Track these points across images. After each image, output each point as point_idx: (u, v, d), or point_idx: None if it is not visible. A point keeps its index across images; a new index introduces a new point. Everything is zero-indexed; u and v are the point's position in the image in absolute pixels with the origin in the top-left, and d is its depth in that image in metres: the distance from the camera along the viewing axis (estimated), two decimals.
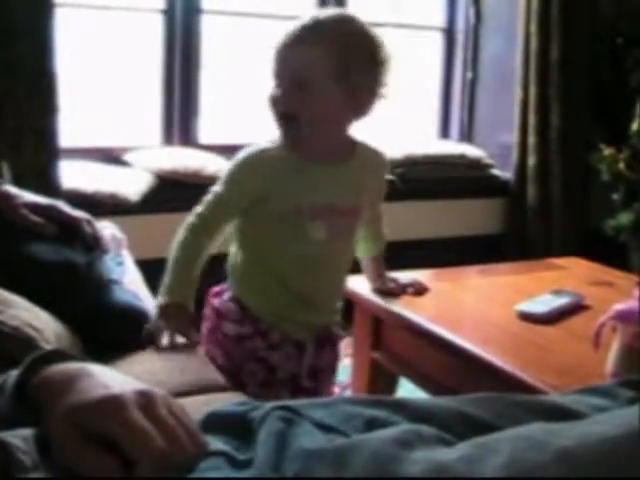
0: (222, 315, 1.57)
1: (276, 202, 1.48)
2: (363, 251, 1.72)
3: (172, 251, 1.51)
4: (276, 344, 1.54)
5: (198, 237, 1.51)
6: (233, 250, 1.59)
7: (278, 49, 1.43)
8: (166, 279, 1.49)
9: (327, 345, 1.61)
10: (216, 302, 1.58)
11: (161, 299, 1.48)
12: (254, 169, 1.49)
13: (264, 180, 1.48)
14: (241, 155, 1.51)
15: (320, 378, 1.61)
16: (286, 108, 1.43)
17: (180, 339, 1.47)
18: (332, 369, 1.65)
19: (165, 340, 1.46)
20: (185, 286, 1.49)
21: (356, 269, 1.80)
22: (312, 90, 1.42)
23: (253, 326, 1.54)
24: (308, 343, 1.56)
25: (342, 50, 1.41)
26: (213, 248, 1.53)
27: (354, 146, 1.55)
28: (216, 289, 1.61)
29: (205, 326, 1.60)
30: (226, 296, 1.58)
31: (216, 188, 1.53)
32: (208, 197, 1.53)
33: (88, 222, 1.53)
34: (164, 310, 1.46)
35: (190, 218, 1.52)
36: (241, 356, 1.54)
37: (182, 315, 1.47)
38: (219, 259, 1.59)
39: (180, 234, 1.51)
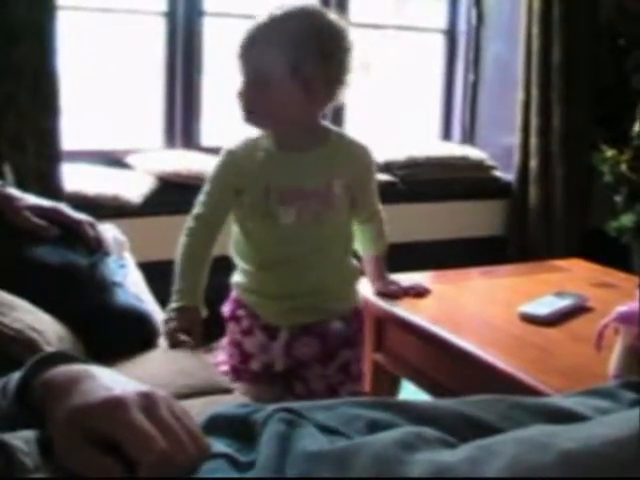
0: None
1: (249, 190, 1.56)
2: (362, 250, 1.74)
3: (176, 258, 1.57)
4: (247, 330, 1.63)
5: (198, 239, 1.57)
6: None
7: (239, 48, 1.51)
8: (175, 286, 1.54)
9: (310, 335, 1.60)
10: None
11: (172, 304, 1.52)
12: (231, 163, 1.59)
13: (239, 172, 1.57)
14: (222, 151, 1.62)
15: (304, 373, 1.62)
16: (247, 104, 1.52)
17: (183, 337, 1.48)
18: (322, 363, 1.61)
19: (164, 340, 1.49)
20: (194, 289, 1.55)
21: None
22: (270, 88, 1.49)
23: (233, 310, 1.65)
24: (283, 329, 1.60)
25: (293, 47, 1.47)
26: (216, 246, 1.59)
27: (328, 134, 1.59)
28: None
29: None
30: None
31: (205, 187, 1.61)
32: (200, 198, 1.61)
33: (91, 225, 1.53)
34: (174, 312, 1.50)
35: (188, 222, 1.59)
36: (228, 336, 1.67)
37: (191, 316, 1.51)
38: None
39: (181, 240, 1.57)
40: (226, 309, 1.68)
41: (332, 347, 1.61)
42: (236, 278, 1.66)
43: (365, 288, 1.81)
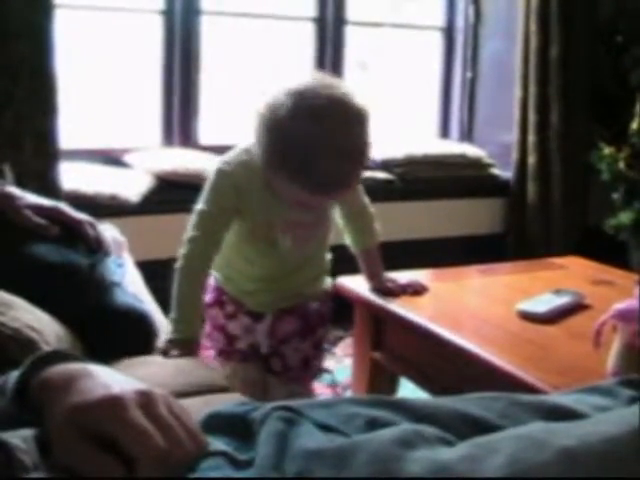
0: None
1: (250, 217, 1.58)
2: (352, 245, 1.77)
3: (175, 283, 1.53)
4: (231, 314, 1.70)
5: (197, 264, 1.55)
6: None
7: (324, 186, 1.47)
8: (173, 314, 1.52)
9: (292, 315, 1.69)
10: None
11: (171, 335, 1.50)
12: (231, 186, 1.56)
13: (240, 195, 1.56)
14: (217, 169, 1.58)
15: (283, 349, 1.69)
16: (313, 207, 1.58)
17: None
18: (301, 336, 1.70)
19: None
20: (194, 320, 1.54)
21: (355, 269, 1.80)
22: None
23: (216, 296, 1.71)
24: (267, 314, 1.68)
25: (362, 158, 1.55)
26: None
27: None
28: None
29: None
30: None
31: (199, 207, 1.57)
32: (194, 219, 1.56)
33: (91, 225, 1.52)
34: (173, 344, 1.49)
35: (185, 244, 1.55)
36: (209, 323, 1.72)
37: (190, 346, 1.51)
38: None
39: (179, 263, 1.54)
40: (207, 297, 1.69)
41: (312, 325, 1.71)
42: (216, 272, 1.70)
43: (362, 286, 1.81)
